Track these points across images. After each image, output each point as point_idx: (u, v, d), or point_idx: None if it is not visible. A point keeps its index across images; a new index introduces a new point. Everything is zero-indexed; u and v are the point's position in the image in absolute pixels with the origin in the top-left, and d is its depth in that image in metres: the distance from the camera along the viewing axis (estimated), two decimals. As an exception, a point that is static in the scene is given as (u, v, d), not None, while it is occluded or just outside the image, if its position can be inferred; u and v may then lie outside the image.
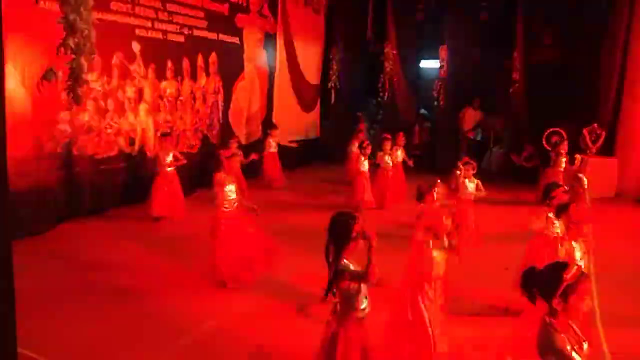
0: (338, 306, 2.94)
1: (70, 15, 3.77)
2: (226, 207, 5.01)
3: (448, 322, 3.81)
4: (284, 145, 11.10)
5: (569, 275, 2.26)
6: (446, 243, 3.62)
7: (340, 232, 2.88)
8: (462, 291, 4.98)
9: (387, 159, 9.01)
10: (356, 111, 13.82)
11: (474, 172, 6.72)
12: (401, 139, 9.42)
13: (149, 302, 4.64)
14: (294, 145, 12.43)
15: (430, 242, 3.55)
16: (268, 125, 10.75)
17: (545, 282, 2.35)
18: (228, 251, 4.92)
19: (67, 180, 7.09)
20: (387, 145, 9.06)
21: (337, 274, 2.83)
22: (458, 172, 6.73)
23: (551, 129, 10.36)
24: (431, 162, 12.84)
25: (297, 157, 12.68)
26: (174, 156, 7.50)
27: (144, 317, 4.36)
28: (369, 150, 8.49)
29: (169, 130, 8.44)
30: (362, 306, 2.90)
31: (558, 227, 4.51)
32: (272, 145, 10.09)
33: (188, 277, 5.16)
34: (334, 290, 2.88)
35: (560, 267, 2.33)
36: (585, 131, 10.61)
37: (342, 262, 2.86)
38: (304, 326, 4.27)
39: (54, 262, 5.56)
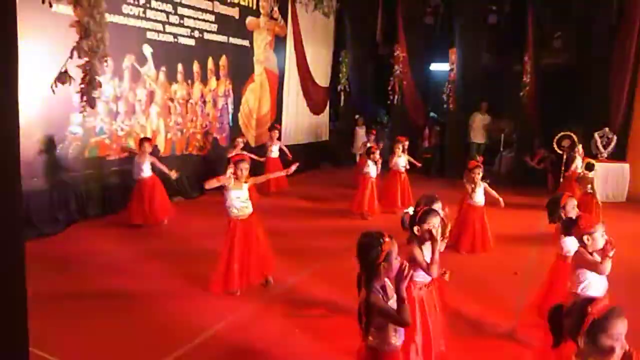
0: (370, 338, 2.63)
1: (84, 18, 3.81)
2: (235, 212, 4.90)
3: (447, 325, 3.79)
4: (294, 146, 11.09)
5: (594, 310, 2.00)
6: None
7: (367, 257, 2.61)
8: (469, 300, 4.95)
9: (401, 162, 8.95)
10: (365, 114, 13.83)
11: (481, 176, 6.63)
12: (405, 143, 9.36)
13: (154, 307, 4.64)
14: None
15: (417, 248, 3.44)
16: (270, 128, 10.56)
17: (570, 318, 2.11)
18: (230, 258, 4.85)
19: (78, 182, 7.15)
20: (400, 148, 9.01)
21: (367, 308, 2.56)
22: (473, 176, 6.61)
23: (562, 133, 10.31)
24: (440, 165, 12.85)
25: (305, 159, 12.69)
26: (151, 163, 7.19)
27: (149, 321, 4.36)
28: (377, 155, 8.29)
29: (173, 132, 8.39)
30: (394, 339, 2.65)
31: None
32: (272, 150, 9.88)
33: (194, 282, 5.16)
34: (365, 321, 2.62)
35: (586, 302, 2.09)
36: (596, 135, 10.55)
37: (373, 293, 2.58)
38: (306, 334, 4.26)
39: (63, 264, 5.59)
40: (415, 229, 3.44)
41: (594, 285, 3.37)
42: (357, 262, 2.67)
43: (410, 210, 3.59)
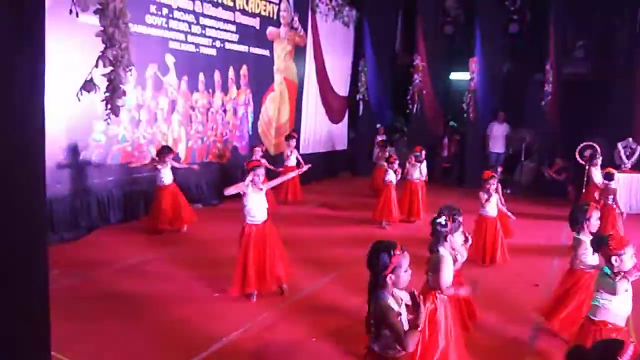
0: (375, 347, 2.64)
1: (109, 28, 3.89)
2: (252, 218, 4.96)
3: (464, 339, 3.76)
4: (312, 155, 11.16)
5: (624, 358, 1.86)
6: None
7: (376, 266, 2.62)
8: (489, 311, 4.89)
9: (413, 171, 8.94)
10: (384, 123, 13.83)
11: (495, 186, 6.55)
12: (422, 153, 9.34)
13: (174, 312, 4.68)
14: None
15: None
16: (287, 137, 10.57)
17: None
18: (246, 262, 4.88)
19: (101, 189, 7.27)
20: (414, 158, 9.02)
21: (377, 317, 2.58)
22: (488, 186, 6.55)
23: (584, 143, 10.16)
24: (460, 175, 12.76)
25: (324, 168, 12.73)
26: (172, 168, 7.29)
27: (169, 326, 4.40)
28: (395, 164, 8.28)
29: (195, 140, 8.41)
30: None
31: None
32: (290, 159, 9.80)
33: (213, 288, 5.19)
34: (372, 328, 2.64)
35: (613, 347, 1.92)
36: (619, 145, 10.37)
37: (384, 302, 2.58)
38: (323, 341, 4.25)
39: (85, 268, 5.67)
40: (449, 237, 3.66)
41: (616, 306, 3.33)
42: (368, 269, 2.68)
43: (443, 220, 3.68)
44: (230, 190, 4.88)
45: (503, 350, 4.25)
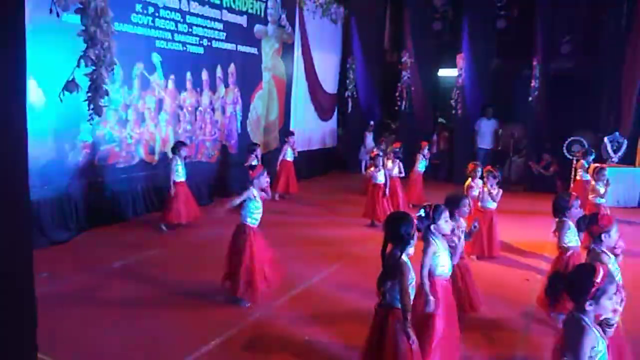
0: (387, 296, 3.05)
1: (90, 27, 3.86)
2: (252, 221, 4.91)
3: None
4: (302, 152, 11.16)
5: (599, 279, 2.33)
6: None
7: (398, 229, 3.07)
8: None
9: (396, 168, 8.94)
10: (374, 120, 13.84)
11: (497, 180, 6.61)
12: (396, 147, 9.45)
13: (166, 312, 4.68)
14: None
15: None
16: (286, 134, 10.80)
17: (577, 286, 2.41)
18: (249, 263, 4.80)
19: (89, 190, 7.21)
20: (391, 156, 9.05)
21: (394, 267, 3.00)
22: (481, 180, 6.63)
23: (572, 138, 10.24)
24: (449, 171, 12.80)
25: (314, 165, 12.73)
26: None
27: (162, 326, 4.39)
28: (378, 161, 8.20)
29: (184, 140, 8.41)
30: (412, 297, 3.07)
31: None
32: (287, 153, 10.05)
33: (205, 286, 5.18)
34: (387, 282, 3.05)
35: (590, 271, 2.40)
36: (606, 139, 10.47)
37: (403, 260, 3.03)
38: (320, 334, 4.26)
39: (75, 270, 5.63)
40: (432, 227, 3.66)
41: None
42: (385, 235, 3.12)
43: (422, 212, 3.70)
44: (236, 202, 4.86)
45: (495, 342, 4.29)
